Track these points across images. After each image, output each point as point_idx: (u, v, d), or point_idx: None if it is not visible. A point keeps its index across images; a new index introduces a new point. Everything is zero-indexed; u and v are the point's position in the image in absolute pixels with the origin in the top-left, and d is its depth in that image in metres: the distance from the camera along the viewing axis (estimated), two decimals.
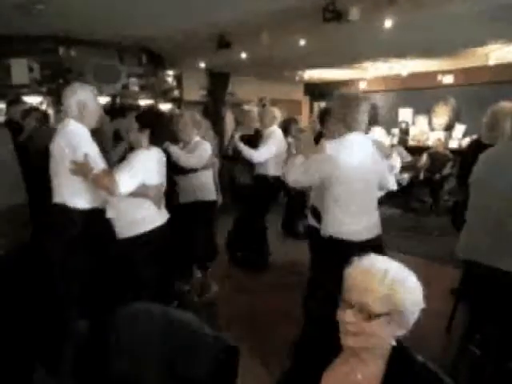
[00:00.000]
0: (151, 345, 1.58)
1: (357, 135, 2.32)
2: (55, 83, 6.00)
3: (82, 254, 2.50)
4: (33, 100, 5.99)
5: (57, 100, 6.27)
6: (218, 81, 7.97)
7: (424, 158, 7.51)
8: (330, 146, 2.28)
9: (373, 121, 3.80)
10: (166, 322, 1.58)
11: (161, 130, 2.58)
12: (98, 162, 2.42)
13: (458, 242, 2.41)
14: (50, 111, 6.16)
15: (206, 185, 3.55)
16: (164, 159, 2.62)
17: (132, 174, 2.31)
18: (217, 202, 3.82)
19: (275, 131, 4.33)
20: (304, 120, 9.79)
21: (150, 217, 2.47)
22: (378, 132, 3.85)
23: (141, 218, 2.44)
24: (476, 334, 2.40)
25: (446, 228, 5.49)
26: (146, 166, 2.40)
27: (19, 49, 5.74)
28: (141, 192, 2.37)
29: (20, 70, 5.80)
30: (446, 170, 7.20)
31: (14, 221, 2.90)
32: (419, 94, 8.40)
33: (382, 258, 1.15)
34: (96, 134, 2.66)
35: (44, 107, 6.17)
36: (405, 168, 6.50)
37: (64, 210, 2.50)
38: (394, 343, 1.11)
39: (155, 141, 2.53)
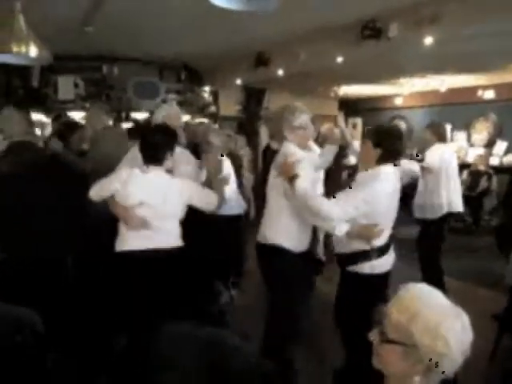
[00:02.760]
0: (192, 365, 1.59)
1: None
2: (98, 99, 6.26)
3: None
4: (77, 115, 6.26)
5: None
6: (253, 96, 8.07)
7: (464, 175, 7.29)
8: None
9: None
10: (209, 344, 1.58)
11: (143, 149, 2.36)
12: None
13: (506, 267, 2.32)
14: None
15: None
16: (161, 182, 2.31)
17: (101, 184, 2.32)
18: (241, 217, 3.92)
19: None
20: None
21: (121, 237, 2.34)
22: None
23: (118, 236, 2.37)
24: None
25: (487, 248, 5.30)
26: (111, 181, 2.31)
27: (66, 66, 6.03)
28: (113, 208, 2.32)
29: (66, 86, 6.09)
30: (482, 185, 6.96)
31: None
32: (457, 109, 8.19)
33: (432, 291, 1.09)
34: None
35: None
36: None
37: None
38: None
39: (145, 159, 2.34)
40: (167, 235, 2.32)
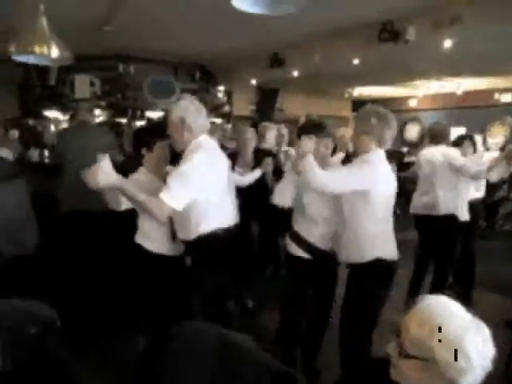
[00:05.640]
0: (204, 364, 1.60)
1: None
2: (114, 97, 6.31)
3: None
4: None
5: (113, 113, 6.61)
6: (266, 96, 8.07)
7: None
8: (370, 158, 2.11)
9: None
10: (221, 344, 1.59)
11: None
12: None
13: None
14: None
15: None
16: None
17: None
18: None
19: None
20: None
21: None
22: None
23: None
24: None
25: (500, 253, 5.22)
26: None
27: (83, 65, 6.08)
28: None
29: (82, 85, 6.15)
30: (501, 193, 6.85)
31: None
32: (473, 112, 8.09)
33: (452, 305, 1.07)
34: None
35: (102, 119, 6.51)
36: None
37: None
38: None
39: None
40: None
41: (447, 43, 4.05)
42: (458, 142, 3.74)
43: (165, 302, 2.29)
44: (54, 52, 2.52)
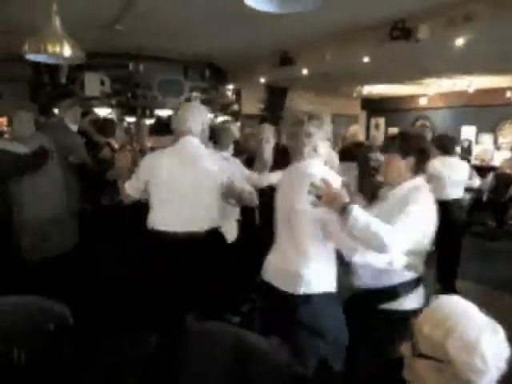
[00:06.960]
0: (218, 365, 1.59)
1: None
2: (124, 96, 6.34)
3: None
4: (102, 111, 6.36)
5: (123, 112, 6.64)
6: (275, 95, 8.04)
7: (489, 178, 7.11)
8: None
9: None
10: (236, 345, 1.58)
11: None
12: None
13: None
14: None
15: None
16: None
17: None
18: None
19: None
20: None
21: None
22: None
23: None
24: None
25: (510, 254, 5.17)
26: None
27: (93, 64, 6.11)
28: None
29: (93, 83, 6.19)
30: None
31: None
32: (484, 111, 8.01)
33: (467, 305, 1.06)
34: None
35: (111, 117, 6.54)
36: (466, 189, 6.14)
37: None
38: None
39: None
40: None
41: (459, 41, 4.00)
42: None
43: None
44: (67, 51, 2.53)
